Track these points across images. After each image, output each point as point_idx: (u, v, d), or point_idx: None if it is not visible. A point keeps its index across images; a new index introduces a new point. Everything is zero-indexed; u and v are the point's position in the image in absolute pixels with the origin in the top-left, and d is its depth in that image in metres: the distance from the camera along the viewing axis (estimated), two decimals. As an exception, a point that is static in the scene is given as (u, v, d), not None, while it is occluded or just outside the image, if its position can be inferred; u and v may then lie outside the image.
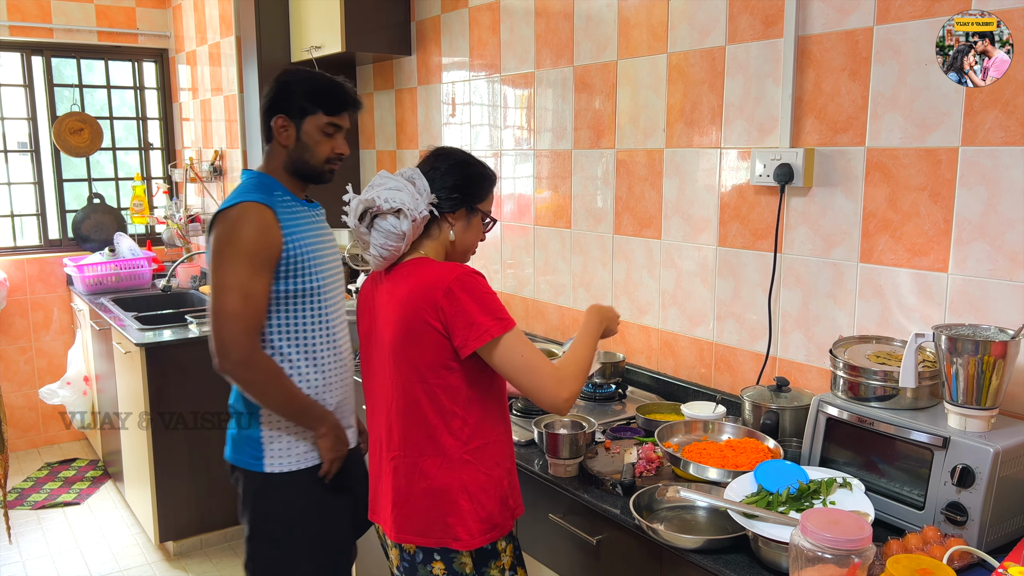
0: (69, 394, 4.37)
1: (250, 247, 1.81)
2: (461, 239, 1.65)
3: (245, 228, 1.81)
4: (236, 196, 1.87)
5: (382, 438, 1.66)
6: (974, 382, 1.47)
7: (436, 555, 1.58)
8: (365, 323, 1.70)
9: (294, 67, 1.99)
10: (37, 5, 4.69)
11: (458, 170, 1.65)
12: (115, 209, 5.08)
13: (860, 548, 1.20)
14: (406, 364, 1.56)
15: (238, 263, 1.81)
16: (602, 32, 2.49)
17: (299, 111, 1.89)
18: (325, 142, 1.92)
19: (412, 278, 1.57)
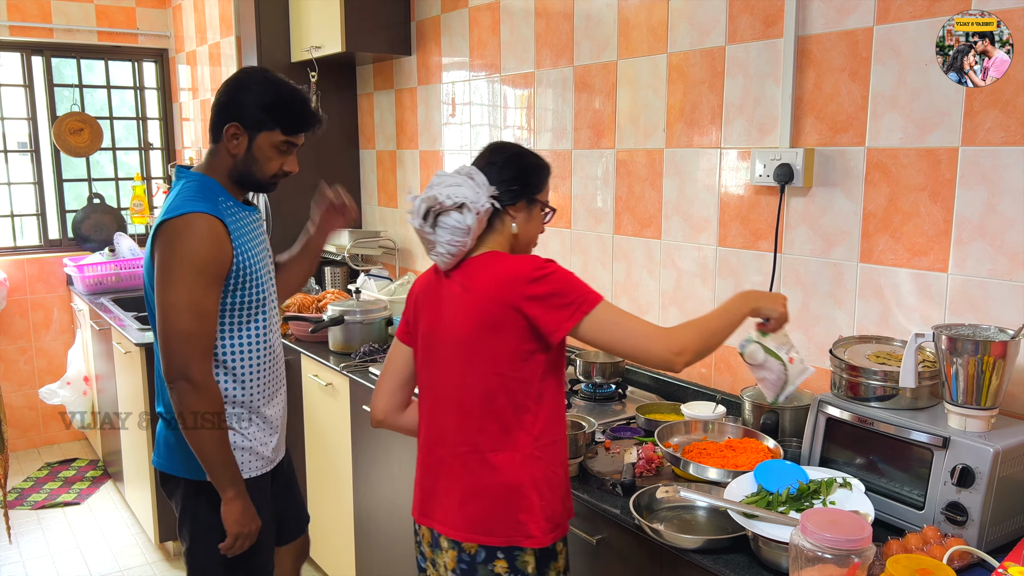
0: (69, 394, 4.37)
1: (202, 263, 1.73)
2: (524, 231, 1.64)
3: (196, 243, 1.73)
4: (180, 204, 1.76)
5: (446, 433, 1.60)
6: (974, 382, 1.47)
7: (500, 554, 1.53)
8: (426, 320, 1.65)
9: (256, 71, 1.89)
10: (37, 5, 4.69)
11: (515, 162, 1.64)
12: (115, 209, 5.08)
13: (860, 548, 1.20)
14: (482, 357, 1.54)
15: (191, 280, 1.72)
16: (602, 32, 2.49)
17: (255, 123, 1.79)
18: (276, 159, 1.84)
19: (489, 271, 1.55)
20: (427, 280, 1.68)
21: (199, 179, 1.84)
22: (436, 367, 1.63)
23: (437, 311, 1.62)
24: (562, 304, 1.49)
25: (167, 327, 1.74)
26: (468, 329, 1.55)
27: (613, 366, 2.38)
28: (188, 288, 1.72)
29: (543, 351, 1.54)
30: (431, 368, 1.65)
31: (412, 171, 3.55)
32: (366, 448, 2.71)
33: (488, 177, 1.58)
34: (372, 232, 3.69)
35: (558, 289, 1.50)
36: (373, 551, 2.77)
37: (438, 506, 1.62)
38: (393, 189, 3.73)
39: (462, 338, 1.56)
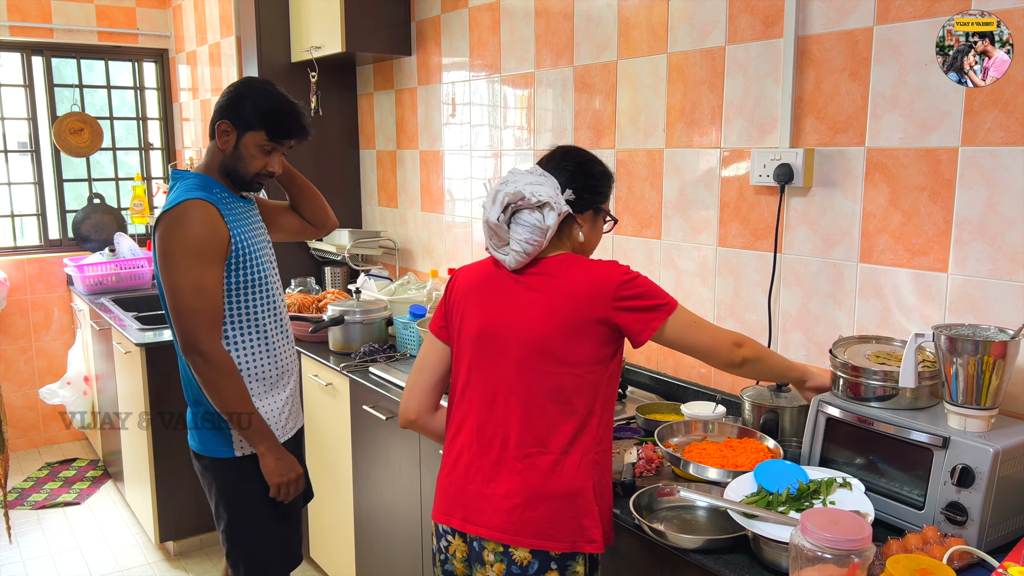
0: (69, 394, 4.37)
1: (197, 243, 1.88)
2: (589, 240, 1.63)
3: (191, 226, 1.88)
4: (177, 197, 1.92)
5: (509, 434, 1.53)
6: (974, 382, 1.47)
7: (554, 564, 1.49)
8: (481, 318, 1.59)
9: (257, 81, 2.05)
10: (37, 5, 4.69)
11: (587, 169, 1.63)
12: (115, 209, 5.08)
13: (860, 548, 1.20)
14: (560, 359, 1.51)
15: (188, 260, 1.88)
16: (602, 32, 2.49)
17: (243, 123, 1.95)
18: (260, 158, 1.99)
19: (574, 273, 1.54)
20: (478, 277, 1.63)
21: (195, 176, 2.00)
22: (498, 367, 1.56)
23: (500, 310, 1.57)
24: (648, 307, 1.53)
25: (175, 306, 1.91)
26: (547, 330, 1.52)
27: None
28: (187, 268, 1.87)
29: (616, 355, 1.55)
30: (489, 368, 1.57)
31: (412, 171, 3.55)
32: (366, 448, 2.71)
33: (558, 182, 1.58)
34: (372, 232, 3.69)
35: (645, 292, 1.53)
36: (373, 551, 2.77)
37: (487, 511, 1.53)
38: (393, 189, 3.73)
39: (538, 338, 1.52)
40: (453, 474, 1.59)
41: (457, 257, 3.30)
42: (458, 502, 1.57)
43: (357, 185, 4.01)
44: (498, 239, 1.56)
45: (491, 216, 1.54)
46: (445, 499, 1.60)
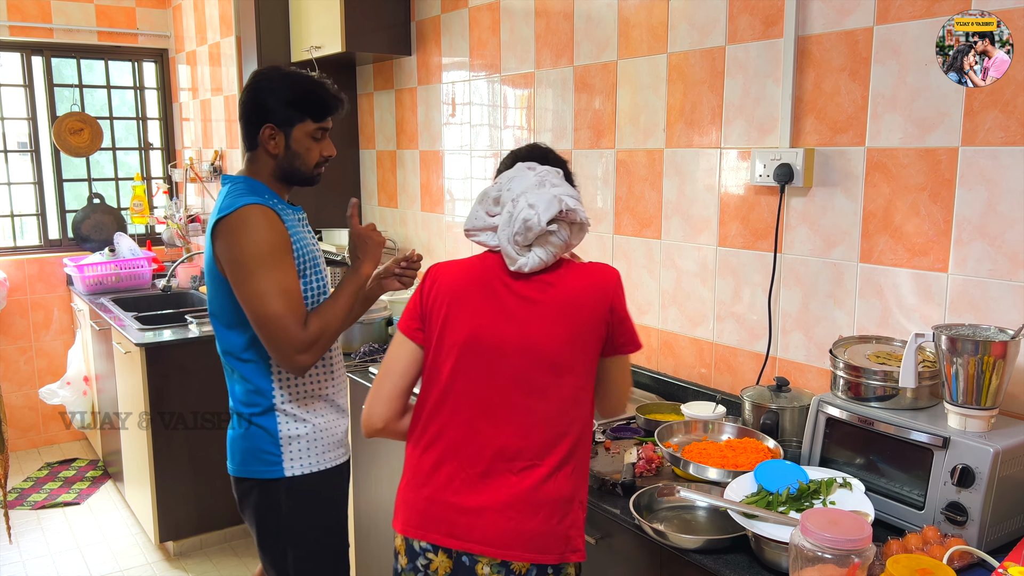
0: (69, 394, 4.37)
1: (267, 247, 1.79)
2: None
3: (256, 231, 1.78)
4: (232, 202, 1.81)
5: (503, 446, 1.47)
6: (974, 382, 1.47)
7: (550, 570, 1.46)
8: (472, 324, 1.50)
9: (269, 70, 1.94)
10: (37, 5, 4.69)
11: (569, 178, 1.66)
12: (115, 209, 5.08)
13: (860, 548, 1.20)
14: (563, 372, 1.48)
15: (263, 266, 1.77)
16: (602, 32, 2.49)
17: (286, 119, 1.85)
18: (315, 147, 1.91)
19: (569, 280, 1.52)
20: (465, 279, 1.54)
21: (245, 180, 1.90)
22: (493, 378, 1.49)
23: (495, 318, 1.49)
24: (630, 320, 1.55)
25: (260, 316, 1.79)
26: (551, 343, 1.48)
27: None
28: (263, 274, 1.78)
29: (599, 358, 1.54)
30: (478, 378, 1.49)
31: (412, 171, 3.55)
32: (365, 450, 2.71)
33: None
34: (372, 232, 3.69)
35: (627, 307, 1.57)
36: (372, 553, 2.77)
37: (479, 525, 1.46)
38: (393, 189, 3.73)
39: (542, 352, 1.48)
40: (428, 487, 1.50)
41: (457, 257, 3.30)
42: (440, 517, 1.49)
43: (357, 185, 4.01)
44: (516, 246, 1.49)
45: (539, 223, 1.46)
46: (419, 513, 1.51)
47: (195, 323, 3.57)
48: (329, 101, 1.90)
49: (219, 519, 3.58)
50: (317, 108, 1.88)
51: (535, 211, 1.46)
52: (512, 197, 1.52)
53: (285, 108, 1.85)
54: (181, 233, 4.83)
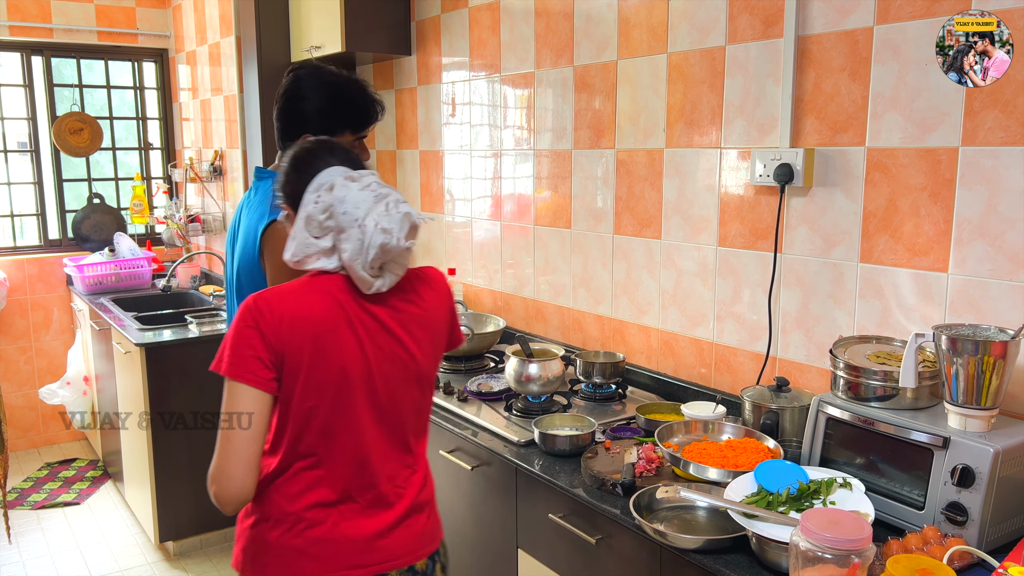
0: (69, 394, 4.37)
1: None
2: None
3: None
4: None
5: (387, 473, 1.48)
6: (974, 382, 1.47)
7: (438, 553, 1.60)
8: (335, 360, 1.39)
9: (309, 71, 1.87)
10: (37, 5, 4.69)
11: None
12: (115, 209, 5.08)
13: (860, 548, 1.20)
14: (428, 382, 1.55)
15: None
16: (602, 32, 2.49)
17: (324, 130, 1.82)
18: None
19: (422, 289, 1.53)
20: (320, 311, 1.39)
21: None
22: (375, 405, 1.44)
23: (362, 346, 1.41)
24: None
25: None
26: (426, 356, 1.51)
27: (613, 366, 2.38)
28: None
29: None
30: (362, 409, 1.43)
31: (412, 171, 3.55)
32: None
33: None
34: (372, 232, 3.68)
35: None
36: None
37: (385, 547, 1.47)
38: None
39: (420, 365, 1.49)
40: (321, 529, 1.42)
41: (457, 257, 3.30)
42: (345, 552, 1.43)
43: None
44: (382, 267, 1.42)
45: (401, 241, 1.37)
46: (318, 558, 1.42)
47: (195, 323, 3.57)
48: (368, 111, 1.88)
49: (219, 519, 3.58)
50: (357, 119, 1.87)
51: (391, 235, 1.36)
52: (354, 220, 1.37)
53: (324, 119, 1.83)
54: (181, 233, 4.83)
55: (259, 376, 1.34)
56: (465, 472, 2.18)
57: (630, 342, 2.52)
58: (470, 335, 2.68)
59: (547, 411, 2.23)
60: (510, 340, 2.92)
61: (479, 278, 3.19)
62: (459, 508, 2.27)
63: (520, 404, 2.27)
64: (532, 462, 1.95)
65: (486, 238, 3.12)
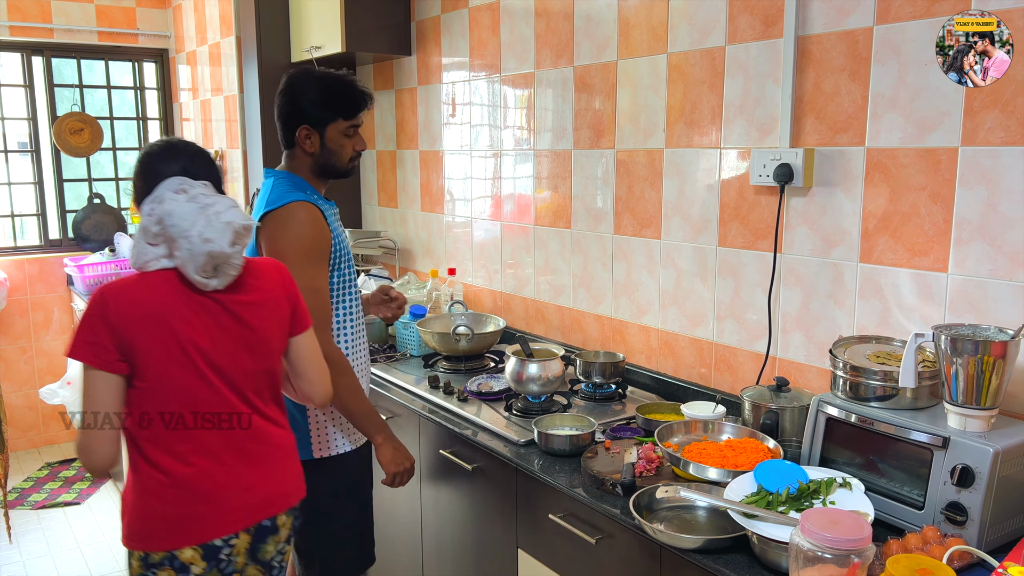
0: (69, 394, 4.37)
1: (309, 244, 1.91)
2: None
3: (303, 227, 1.90)
4: (279, 196, 1.93)
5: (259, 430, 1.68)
6: (974, 382, 1.47)
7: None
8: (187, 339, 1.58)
9: (302, 73, 2.05)
10: (37, 5, 4.69)
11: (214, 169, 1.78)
12: (115, 209, 5.08)
13: (860, 548, 1.20)
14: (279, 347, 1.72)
15: (302, 262, 1.89)
16: (602, 32, 2.49)
17: (319, 120, 1.98)
18: (347, 143, 2.04)
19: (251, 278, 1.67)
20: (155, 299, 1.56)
21: (288, 176, 2.02)
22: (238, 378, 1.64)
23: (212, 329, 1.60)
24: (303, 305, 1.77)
25: None
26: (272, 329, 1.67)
27: (613, 366, 2.38)
28: (301, 270, 1.87)
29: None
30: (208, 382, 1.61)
31: (412, 171, 3.55)
32: (366, 448, 2.71)
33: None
34: (372, 232, 3.69)
35: None
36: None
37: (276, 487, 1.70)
38: (393, 189, 3.73)
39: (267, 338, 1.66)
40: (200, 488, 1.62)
41: (457, 257, 3.30)
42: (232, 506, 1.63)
43: (357, 185, 4.01)
44: (220, 267, 1.56)
45: (224, 246, 1.53)
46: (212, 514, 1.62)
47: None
48: (357, 99, 2.03)
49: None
50: (347, 107, 2.01)
51: (214, 244, 1.52)
52: (181, 233, 1.52)
53: (318, 109, 1.98)
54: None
55: (102, 357, 1.56)
56: (465, 472, 2.18)
57: (630, 342, 2.52)
58: (470, 335, 2.68)
59: (547, 411, 2.23)
60: (510, 340, 2.92)
61: (479, 278, 3.19)
62: (459, 508, 2.27)
63: (520, 404, 2.27)
64: (532, 462, 1.95)
65: (486, 238, 3.12)
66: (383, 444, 2.03)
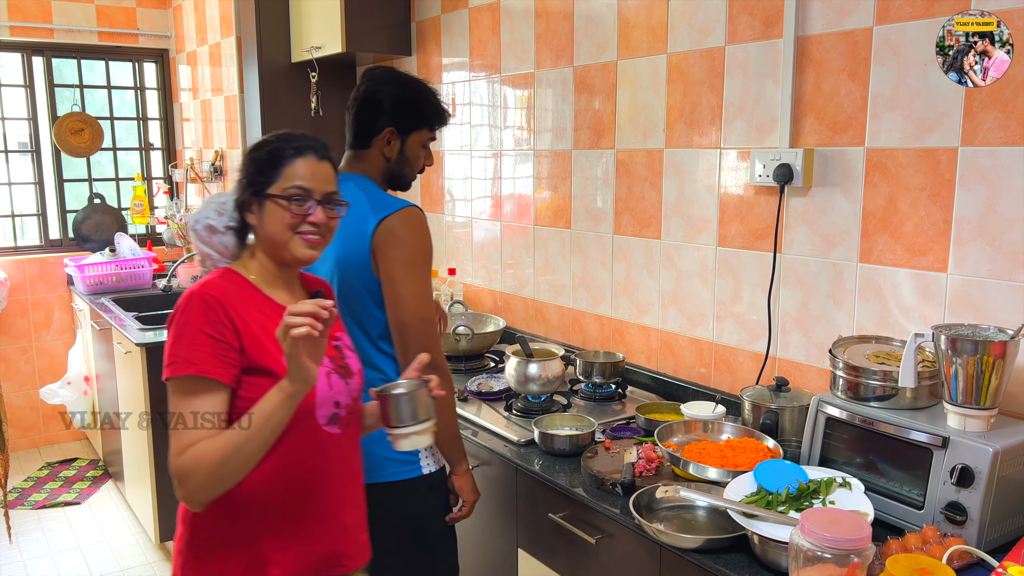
0: (70, 394, 4.37)
1: (430, 251, 1.85)
2: None
3: (426, 233, 1.83)
4: (390, 201, 1.82)
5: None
6: (973, 382, 1.47)
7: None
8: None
9: (387, 70, 1.94)
10: (37, 5, 4.70)
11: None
12: (116, 209, 5.08)
13: (859, 548, 1.20)
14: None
15: (427, 270, 1.82)
16: (602, 32, 2.49)
17: (407, 125, 1.89)
18: (424, 155, 1.96)
19: None
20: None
21: (370, 181, 1.90)
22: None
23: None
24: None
25: (413, 316, 1.79)
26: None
27: (613, 366, 2.38)
28: (426, 277, 1.82)
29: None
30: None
31: (412, 171, 3.55)
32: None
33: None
34: (372, 232, 3.69)
35: None
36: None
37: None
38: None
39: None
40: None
41: (457, 257, 3.31)
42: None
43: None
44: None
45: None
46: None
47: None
48: (444, 112, 1.95)
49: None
50: (436, 118, 1.93)
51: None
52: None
53: (409, 114, 1.88)
54: (181, 233, 4.83)
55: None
56: (465, 472, 2.18)
57: (630, 342, 2.52)
58: (470, 335, 2.68)
59: (547, 411, 2.23)
60: (510, 340, 2.92)
61: (479, 278, 3.19)
62: (459, 508, 2.27)
63: (520, 404, 2.27)
64: (532, 462, 1.95)
65: (486, 238, 3.12)
66: (467, 472, 1.91)
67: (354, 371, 1.53)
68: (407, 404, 1.45)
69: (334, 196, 1.48)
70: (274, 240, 1.44)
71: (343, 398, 1.48)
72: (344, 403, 1.49)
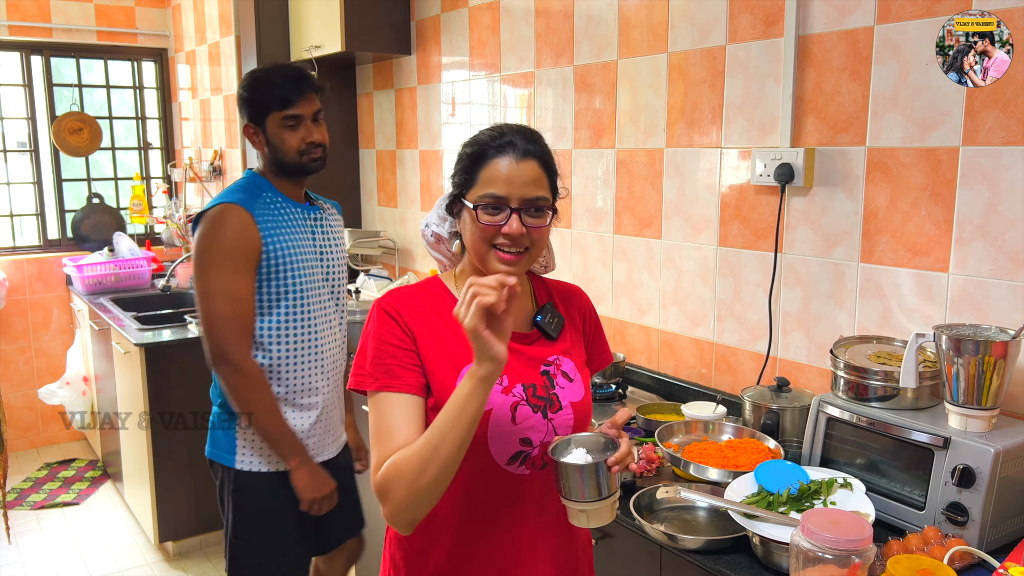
0: (68, 394, 4.37)
1: (229, 248, 1.85)
2: None
3: (223, 230, 1.85)
4: (219, 197, 1.92)
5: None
6: (975, 382, 1.47)
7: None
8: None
9: (248, 74, 2.02)
10: (36, 5, 4.69)
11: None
12: (114, 209, 5.07)
13: (860, 548, 1.20)
14: None
15: (220, 266, 1.84)
16: (602, 32, 2.49)
17: (257, 115, 1.94)
18: (290, 135, 1.92)
19: None
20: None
21: (249, 175, 1.99)
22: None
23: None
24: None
25: (204, 313, 1.88)
26: None
27: (613, 366, 2.37)
28: (219, 274, 1.84)
29: None
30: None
31: (412, 171, 3.55)
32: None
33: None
34: (372, 232, 3.69)
35: None
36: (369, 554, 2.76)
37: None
38: (393, 189, 3.72)
39: None
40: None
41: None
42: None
43: (357, 185, 4.00)
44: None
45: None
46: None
47: (194, 323, 3.57)
48: (286, 85, 1.92)
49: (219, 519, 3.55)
50: (275, 97, 1.92)
51: None
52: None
53: (251, 104, 1.94)
54: (180, 233, 4.83)
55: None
56: (465, 472, 2.17)
57: (630, 342, 2.52)
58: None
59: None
60: (510, 340, 2.91)
61: (479, 278, 3.18)
62: (459, 508, 2.26)
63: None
64: (532, 462, 1.94)
65: (486, 238, 3.11)
66: (298, 468, 1.92)
67: (561, 404, 1.28)
68: (587, 477, 1.17)
69: (538, 202, 1.28)
70: (473, 252, 1.28)
71: (537, 435, 1.25)
72: (539, 441, 1.25)
